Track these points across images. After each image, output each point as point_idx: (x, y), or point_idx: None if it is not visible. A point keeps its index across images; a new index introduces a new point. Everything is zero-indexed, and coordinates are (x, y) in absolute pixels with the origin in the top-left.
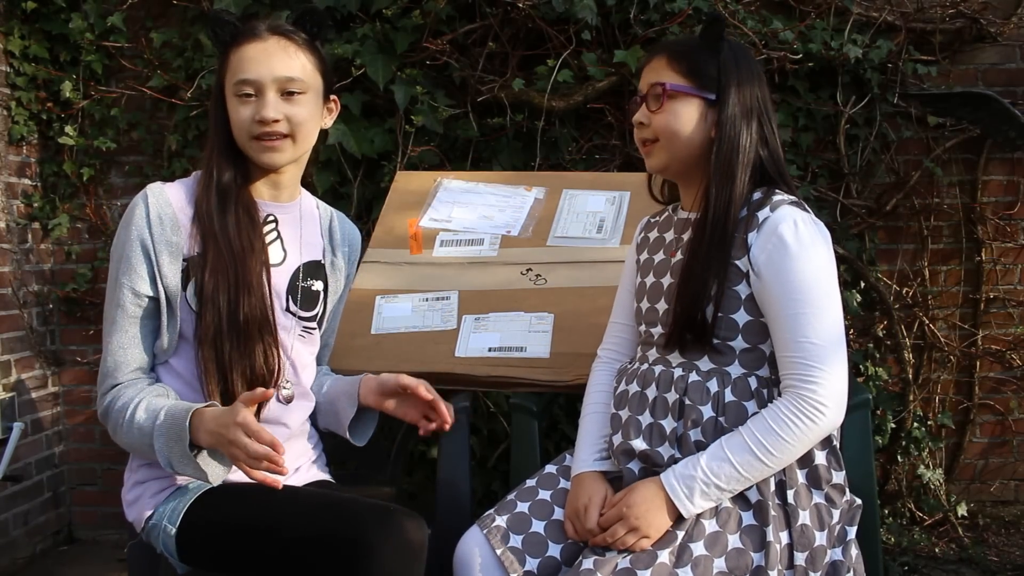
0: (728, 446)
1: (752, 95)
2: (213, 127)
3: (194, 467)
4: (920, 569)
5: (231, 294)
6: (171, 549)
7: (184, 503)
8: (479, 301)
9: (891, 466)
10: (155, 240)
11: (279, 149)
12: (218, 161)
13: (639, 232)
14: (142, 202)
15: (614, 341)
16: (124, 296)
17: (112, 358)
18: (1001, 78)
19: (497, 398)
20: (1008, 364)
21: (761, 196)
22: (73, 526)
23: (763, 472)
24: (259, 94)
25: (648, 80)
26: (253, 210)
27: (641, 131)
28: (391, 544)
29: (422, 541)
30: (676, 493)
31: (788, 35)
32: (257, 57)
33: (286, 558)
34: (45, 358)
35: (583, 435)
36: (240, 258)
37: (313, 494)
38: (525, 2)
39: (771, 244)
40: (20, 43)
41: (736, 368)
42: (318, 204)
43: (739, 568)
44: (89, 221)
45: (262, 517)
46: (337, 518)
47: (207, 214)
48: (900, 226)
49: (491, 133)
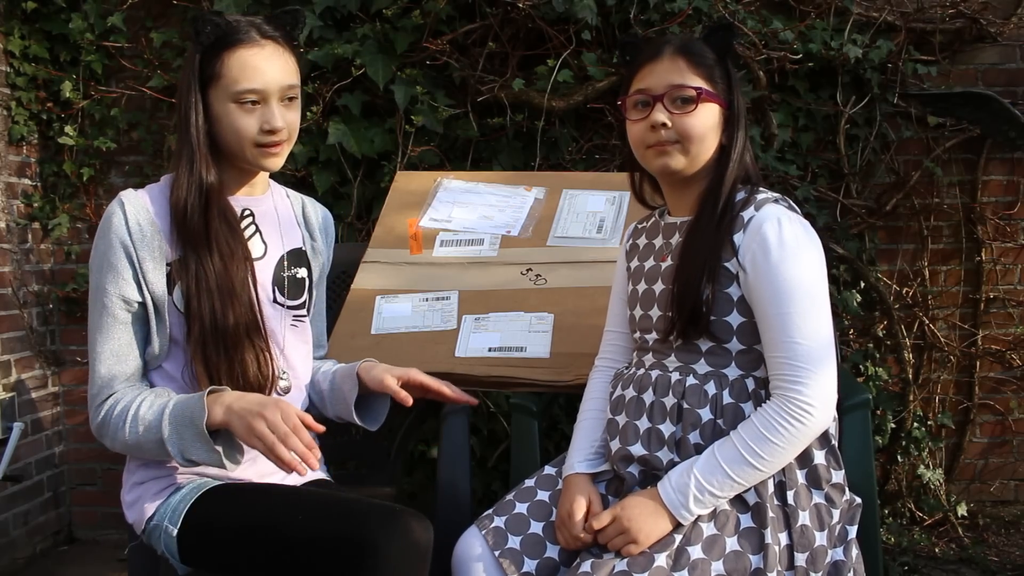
0: (720, 453)
1: (742, 99)
2: (195, 129)
3: (208, 449)
4: (920, 569)
5: (215, 302)
6: (172, 550)
7: (185, 503)
8: (479, 301)
9: (891, 466)
10: (136, 246)
11: (280, 154)
12: (205, 166)
13: (627, 239)
14: (119, 209)
15: (610, 350)
16: (112, 303)
17: (105, 367)
18: (1001, 78)
19: (497, 398)
20: (1008, 364)
21: (745, 196)
22: (73, 526)
23: (757, 476)
24: (264, 102)
25: (667, 81)
26: (230, 214)
27: (660, 133)
28: (397, 545)
29: (428, 542)
30: (673, 503)
31: (788, 35)
32: (260, 65)
33: (289, 558)
34: (45, 358)
35: (575, 440)
36: (220, 270)
37: (316, 494)
38: (525, 2)
39: (756, 243)
40: (20, 43)
41: (733, 370)
42: (287, 193)
43: (737, 571)
44: (89, 221)
45: (265, 517)
46: (342, 518)
47: (189, 218)
48: (900, 226)
49: (491, 133)
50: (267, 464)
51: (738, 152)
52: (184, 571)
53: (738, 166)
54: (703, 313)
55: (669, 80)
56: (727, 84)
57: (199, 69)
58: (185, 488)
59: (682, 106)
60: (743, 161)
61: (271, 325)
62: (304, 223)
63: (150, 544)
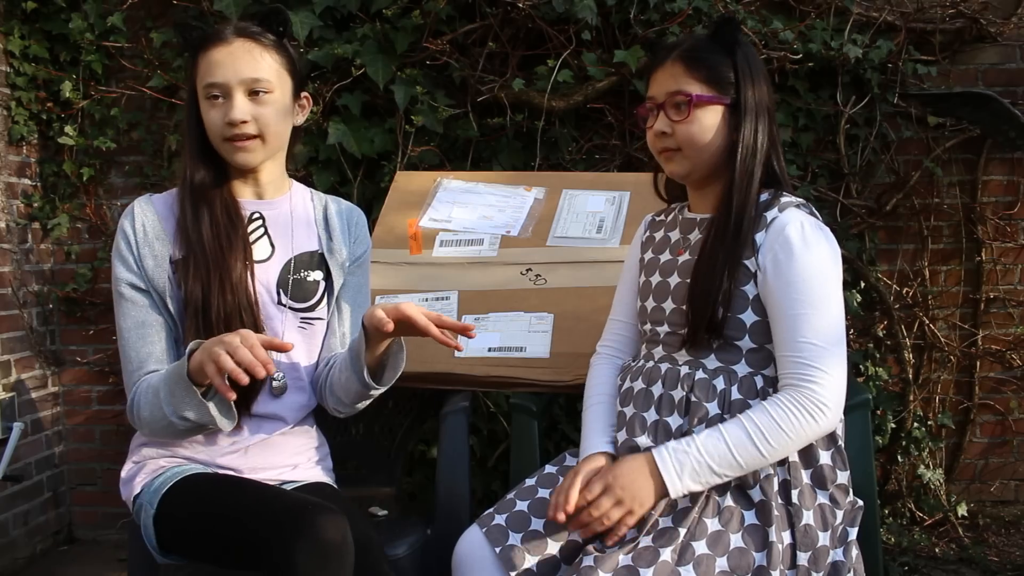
0: (726, 429)
1: (762, 94)
2: (187, 130)
3: (196, 402)
4: (920, 569)
5: (209, 295)
6: (150, 532)
7: (164, 486)
8: (479, 301)
9: (891, 466)
10: (139, 244)
11: (250, 149)
12: (191, 163)
13: (643, 230)
14: (129, 212)
15: (613, 338)
16: (125, 289)
17: (133, 350)
18: (1001, 78)
19: (497, 398)
20: (1008, 364)
21: (769, 197)
22: (73, 526)
23: (756, 461)
24: (226, 96)
25: (666, 88)
26: (233, 209)
27: (663, 140)
28: (305, 544)
29: (339, 538)
30: (667, 467)
31: (788, 35)
32: (223, 61)
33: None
34: (45, 358)
35: (590, 422)
36: (217, 258)
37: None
38: (525, 2)
39: (777, 244)
40: (20, 43)
41: (743, 367)
42: (312, 195)
43: (741, 567)
44: (89, 221)
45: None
46: (257, 518)
47: (183, 216)
48: (900, 226)
49: (491, 133)
50: (257, 457)
51: (747, 147)
52: (162, 560)
53: (754, 162)
54: (719, 309)
55: (668, 87)
56: (736, 81)
57: (191, 72)
58: (169, 472)
59: (679, 113)
60: (764, 160)
61: (272, 325)
62: (324, 224)
63: (138, 523)
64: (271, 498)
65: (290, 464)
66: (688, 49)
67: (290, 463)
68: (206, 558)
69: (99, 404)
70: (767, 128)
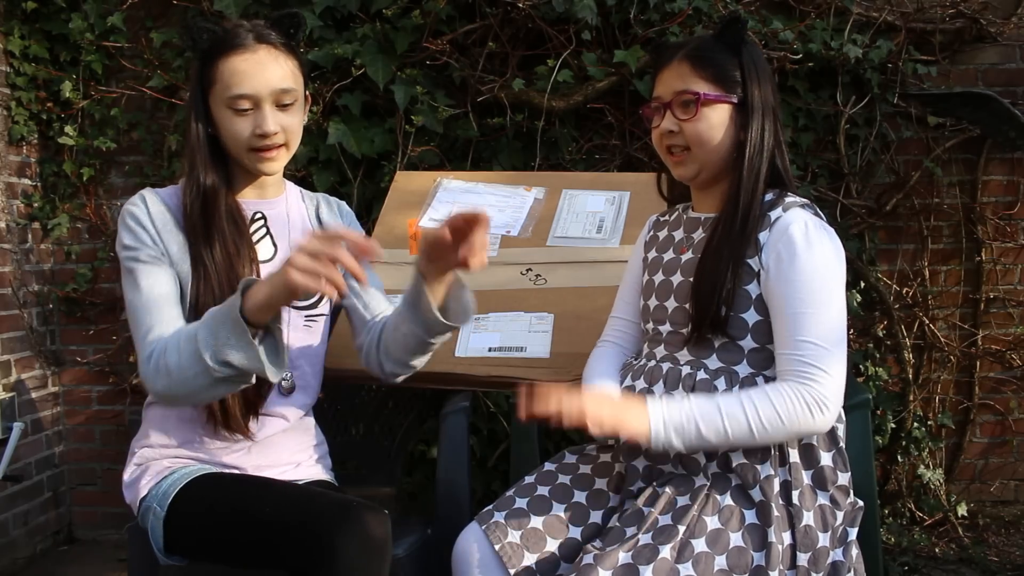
0: (722, 398)
1: (767, 93)
2: (195, 135)
3: (245, 343)
4: (920, 569)
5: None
6: (158, 534)
7: (174, 488)
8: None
9: (891, 466)
10: (160, 230)
11: (277, 158)
12: (202, 169)
13: (648, 230)
14: (140, 202)
15: (615, 334)
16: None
17: (148, 317)
18: (1001, 78)
19: (497, 398)
20: (1008, 364)
21: (773, 197)
22: (73, 526)
23: (742, 439)
24: (256, 107)
25: (673, 87)
26: (238, 214)
27: (671, 139)
28: (352, 538)
29: (384, 535)
30: (656, 413)
31: (788, 35)
32: (251, 71)
33: (255, 546)
34: (45, 358)
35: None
36: (225, 267)
37: (286, 486)
38: (525, 2)
39: (781, 243)
40: (20, 43)
41: (744, 367)
42: (303, 195)
43: (740, 567)
44: (89, 221)
45: (236, 503)
46: (303, 511)
47: (193, 219)
48: (900, 226)
49: (491, 133)
50: (261, 456)
51: (754, 146)
52: (165, 562)
53: (760, 161)
54: (722, 308)
55: (674, 86)
56: (742, 80)
57: (199, 75)
58: (177, 474)
59: (687, 112)
60: (769, 159)
61: None
62: (319, 224)
63: (144, 527)
64: (314, 494)
65: (293, 462)
66: (694, 48)
67: (293, 461)
68: (221, 558)
69: (99, 404)
70: (773, 127)
